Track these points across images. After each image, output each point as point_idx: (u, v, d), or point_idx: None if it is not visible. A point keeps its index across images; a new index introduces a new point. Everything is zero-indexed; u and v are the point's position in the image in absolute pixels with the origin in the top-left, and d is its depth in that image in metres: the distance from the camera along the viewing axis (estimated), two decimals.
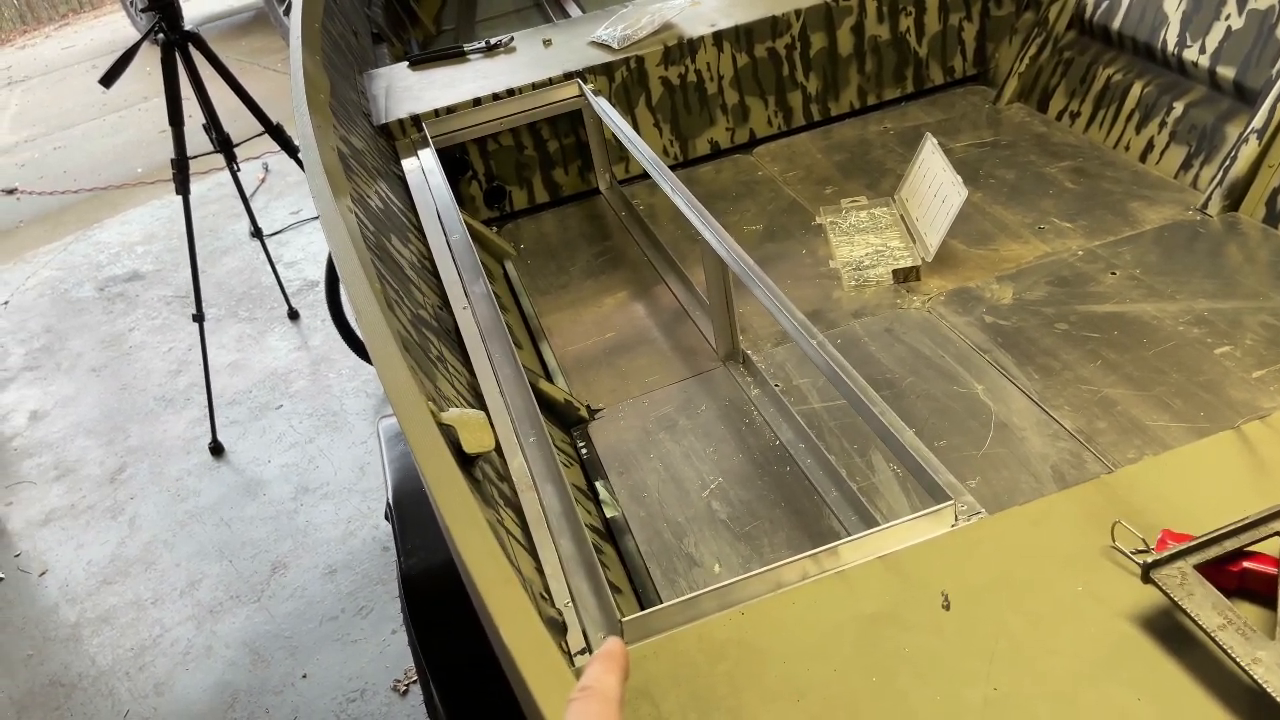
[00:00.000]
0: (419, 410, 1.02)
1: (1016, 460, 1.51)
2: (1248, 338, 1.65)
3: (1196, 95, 2.11)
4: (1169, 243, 1.92)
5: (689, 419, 1.75)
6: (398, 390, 1.04)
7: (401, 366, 1.06)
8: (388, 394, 1.04)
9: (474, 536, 0.88)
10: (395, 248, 1.69)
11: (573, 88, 2.37)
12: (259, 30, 8.71)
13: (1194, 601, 0.86)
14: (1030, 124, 2.45)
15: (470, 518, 0.90)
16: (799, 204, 2.31)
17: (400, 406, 1.03)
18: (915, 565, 1.02)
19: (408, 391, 1.04)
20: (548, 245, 2.39)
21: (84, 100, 7.84)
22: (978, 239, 2.05)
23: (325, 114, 1.88)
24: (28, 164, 6.86)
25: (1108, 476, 1.06)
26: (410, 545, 1.76)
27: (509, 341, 1.53)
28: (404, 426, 1.01)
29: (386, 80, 2.57)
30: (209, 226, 5.04)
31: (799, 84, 2.56)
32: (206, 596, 2.89)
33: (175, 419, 3.70)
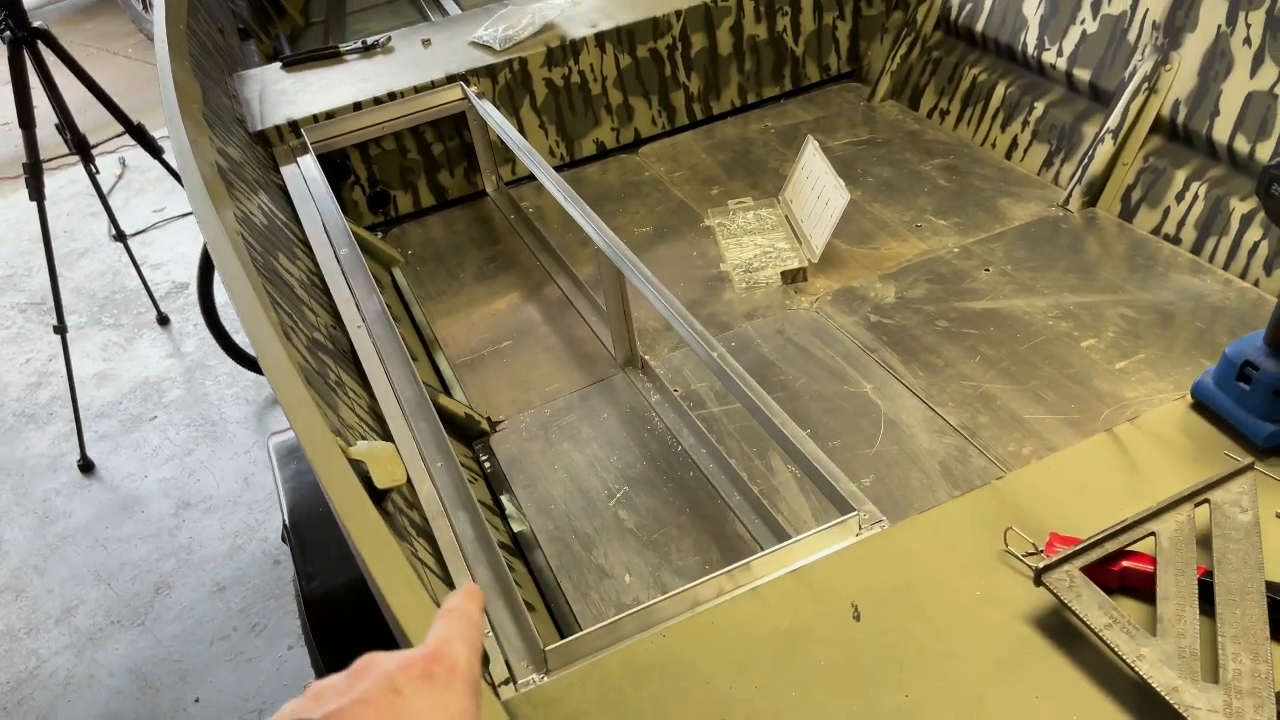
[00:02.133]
0: (330, 450, 1.01)
1: (907, 457, 1.58)
2: (1109, 330, 1.76)
3: (1056, 96, 2.23)
4: (1035, 238, 2.03)
5: (591, 427, 1.76)
6: (306, 430, 1.02)
7: (309, 404, 1.04)
8: (297, 433, 1.02)
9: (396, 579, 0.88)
10: (284, 267, 1.64)
11: (455, 90, 2.34)
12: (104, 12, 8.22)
13: (1081, 602, 0.93)
14: (903, 121, 2.54)
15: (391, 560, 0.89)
16: (686, 205, 2.34)
17: (310, 446, 1.01)
18: (825, 578, 1.06)
19: (317, 431, 1.02)
20: (436, 250, 2.36)
21: None
22: (860, 238, 2.12)
23: (200, 125, 1.81)
24: None
25: (998, 482, 1.12)
26: (310, 567, 1.73)
27: (409, 362, 1.51)
28: (315, 467, 0.99)
29: (259, 83, 2.48)
30: (63, 227, 4.76)
31: (681, 84, 2.59)
32: (85, 623, 2.76)
33: (38, 436, 3.50)
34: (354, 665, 0.50)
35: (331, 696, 0.48)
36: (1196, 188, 1.90)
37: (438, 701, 0.49)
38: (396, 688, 0.48)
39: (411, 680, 0.49)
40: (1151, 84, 1.98)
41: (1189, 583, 0.93)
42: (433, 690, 0.49)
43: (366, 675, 0.49)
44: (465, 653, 0.53)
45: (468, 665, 0.52)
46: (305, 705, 0.48)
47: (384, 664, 0.50)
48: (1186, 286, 1.83)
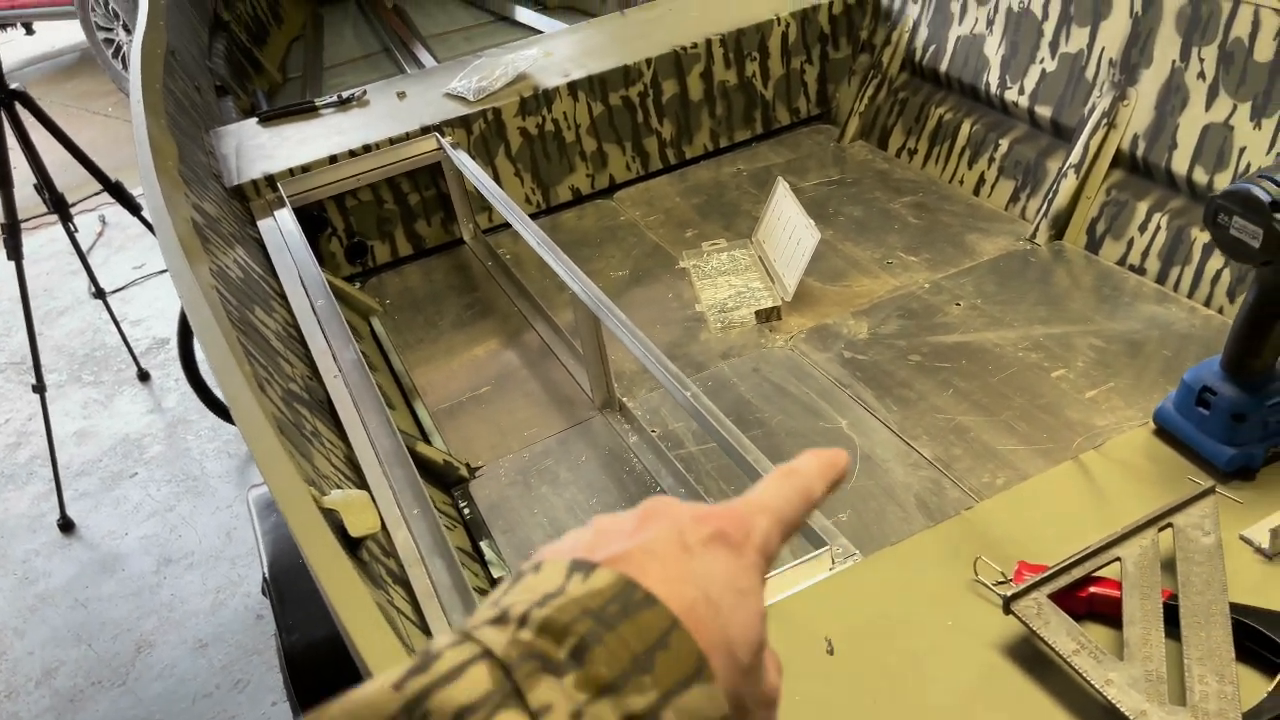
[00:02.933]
0: (301, 499, 1.01)
1: (883, 491, 1.59)
2: (1079, 360, 1.79)
3: (1019, 133, 2.28)
4: (1004, 272, 2.07)
5: (570, 471, 1.77)
6: (278, 480, 1.03)
7: (281, 455, 1.05)
8: (268, 484, 1.03)
9: (367, 627, 0.88)
10: (260, 319, 1.65)
11: (431, 141, 2.37)
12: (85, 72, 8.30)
13: (1050, 629, 0.94)
14: (873, 161, 2.59)
15: (362, 608, 0.90)
16: (661, 248, 2.37)
17: (282, 497, 1.02)
18: (798, 612, 1.07)
19: (289, 481, 1.03)
20: (414, 299, 2.38)
21: None
22: (832, 276, 2.15)
23: (175, 181, 1.83)
24: None
25: (967, 512, 1.14)
26: (291, 621, 1.72)
27: (384, 410, 1.52)
28: (287, 517, 1.00)
29: (236, 138, 2.51)
30: (43, 286, 4.76)
31: (654, 129, 2.63)
32: (65, 684, 2.73)
33: (17, 496, 3.47)
34: (642, 506, 0.45)
35: (617, 537, 0.43)
36: (1158, 219, 1.94)
37: (727, 567, 0.43)
38: (686, 544, 0.43)
39: (702, 539, 0.44)
40: (1110, 119, 2.03)
41: (1154, 607, 0.94)
42: (722, 555, 0.44)
43: (655, 521, 0.44)
44: (768, 525, 0.46)
45: (764, 539, 0.46)
46: (589, 542, 0.43)
47: (676, 513, 0.45)
48: (1153, 315, 1.86)
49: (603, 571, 0.40)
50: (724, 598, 0.42)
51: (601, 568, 0.41)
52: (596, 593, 0.39)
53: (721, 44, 2.60)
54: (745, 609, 0.43)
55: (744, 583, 0.43)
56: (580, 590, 0.40)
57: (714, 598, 0.42)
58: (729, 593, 0.42)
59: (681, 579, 0.41)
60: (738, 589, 0.43)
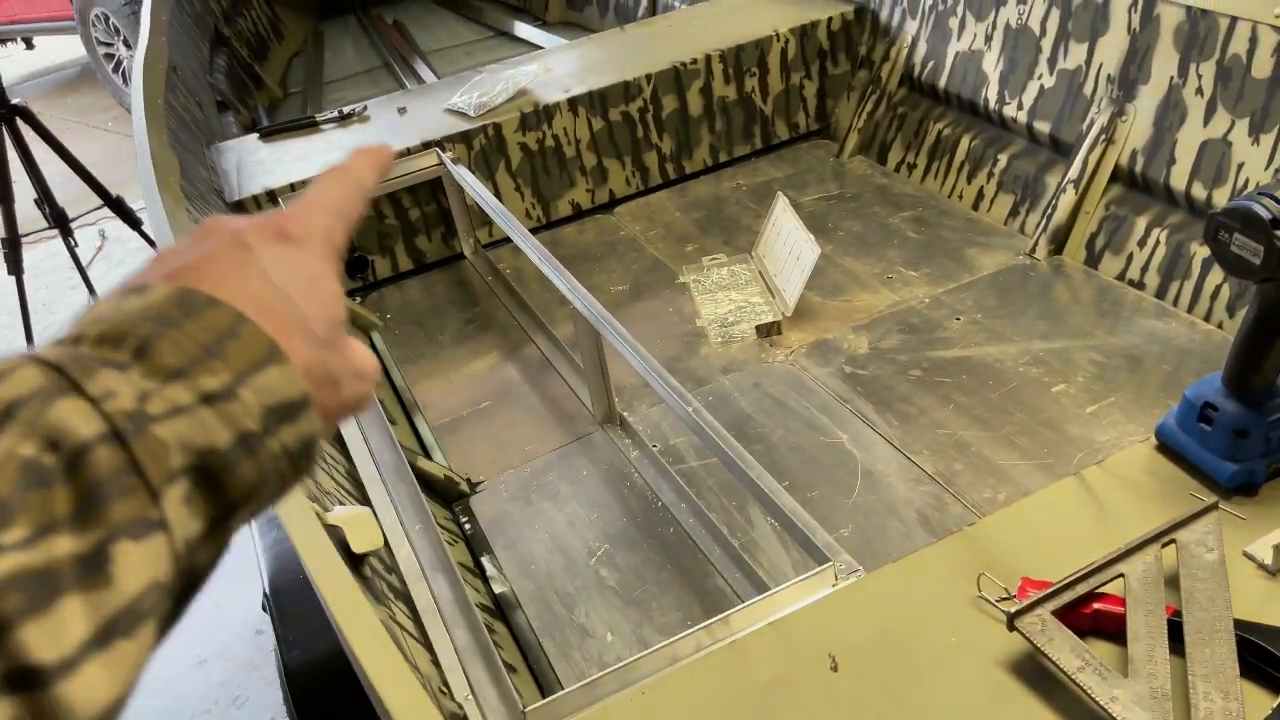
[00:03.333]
0: (305, 516, 1.02)
1: (884, 506, 1.59)
2: (1079, 375, 1.79)
3: (1018, 148, 2.29)
4: (1004, 286, 2.07)
5: (571, 485, 1.77)
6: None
7: None
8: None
9: (371, 644, 0.88)
10: None
11: (431, 157, 2.38)
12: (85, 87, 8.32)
13: (1054, 646, 0.94)
14: (872, 176, 2.60)
15: (365, 624, 0.90)
16: (662, 262, 2.38)
17: (285, 513, 1.02)
18: (803, 629, 1.07)
19: (292, 497, 1.03)
20: (415, 313, 2.38)
21: None
22: (832, 290, 2.16)
23: (178, 197, 1.84)
24: None
25: (970, 529, 1.14)
26: (292, 637, 1.72)
27: (387, 426, 1.52)
28: (291, 533, 1.00)
29: (237, 154, 2.51)
30: (42, 300, 4.76)
31: (654, 144, 2.64)
32: None
33: None
34: (197, 229, 0.47)
35: (174, 257, 0.44)
36: (1157, 234, 1.94)
37: (291, 259, 0.46)
38: (246, 243, 0.45)
39: (264, 238, 0.46)
40: (1109, 135, 2.04)
41: (1158, 623, 0.94)
42: (287, 249, 0.46)
43: (213, 234, 0.46)
44: (326, 219, 0.50)
45: (325, 230, 0.49)
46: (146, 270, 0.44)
47: (234, 223, 0.47)
48: (1153, 330, 1.87)
49: (158, 286, 0.41)
50: (292, 283, 0.45)
51: (157, 284, 0.42)
52: (153, 304, 0.40)
53: (721, 60, 2.62)
54: (317, 290, 0.46)
55: (313, 269, 0.47)
56: (136, 305, 0.40)
57: (282, 285, 0.44)
58: (297, 278, 0.45)
59: (245, 276, 0.44)
60: (307, 275, 0.46)
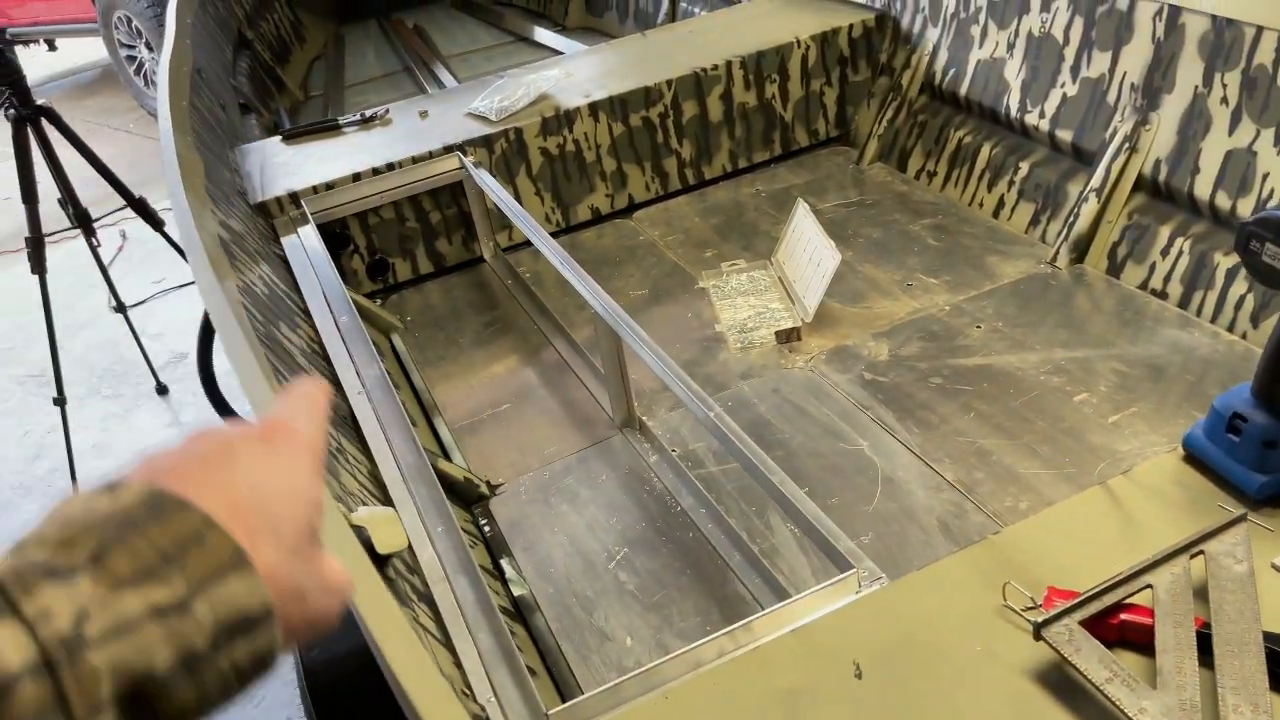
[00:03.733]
0: (332, 516, 1.02)
1: (905, 514, 1.59)
2: (1101, 384, 1.78)
3: (1039, 156, 2.28)
4: (1025, 295, 2.07)
5: (590, 489, 1.77)
6: None
7: None
8: None
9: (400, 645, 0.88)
10: (285, 336, 1.66)
11: (453, 160, 2.39)
12: (106, 89, 8.38)
13: (1082, 657, 0.93)
14: (891, 183, 2.59)
15: (394, 625, 0.90)
16: (681, 267, 2.38)
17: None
18: (826, 636, 1.06)
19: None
20: (435, 316, 2.39)
21: None
22: (852, 297, 2.15)
23: (203, 198, 1.85)
24: None
25: (994, 537, 1.13)
26: None
27: (409, 427, 1.53)
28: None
29: (260, 156, 2.53)
30: (64, 301, 4.77)
31: (673, 150, 2.64)
32: None
33: (36, 508, 3.49)
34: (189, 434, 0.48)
35: (159, 458, 0.46)
36: (1181, 243, 1.93)
37: (274, 464, 0.47)
38: (231, 448, 0.46)
39: (249, 443, 0.47)
40: (1132, 144, 2.03)
41: (1187, 634, 0.94)
42: (270, 453, 0.47)
43: (200, 439, 0.47)
44: (308, 427, 0.51)
45: (310, 437, 0.50)
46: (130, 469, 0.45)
47: (219, 431, 0.48)
48: (1176, 340, 1.86)
49: (132, 486, 0.42)
50: (270, 488, 0.46)
51: (132, 483, 0.42)
52: (122, 506, 0.41)
53: (742, 66, 2.62)
54: (295, 497, 0.46)
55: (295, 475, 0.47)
56: (105, 505, 0.41)
57: (260, 489, 0.45)
58: (277, 483, 0.46)
59: (222, 479, 0.44)
60: (288, 480, 0.46)
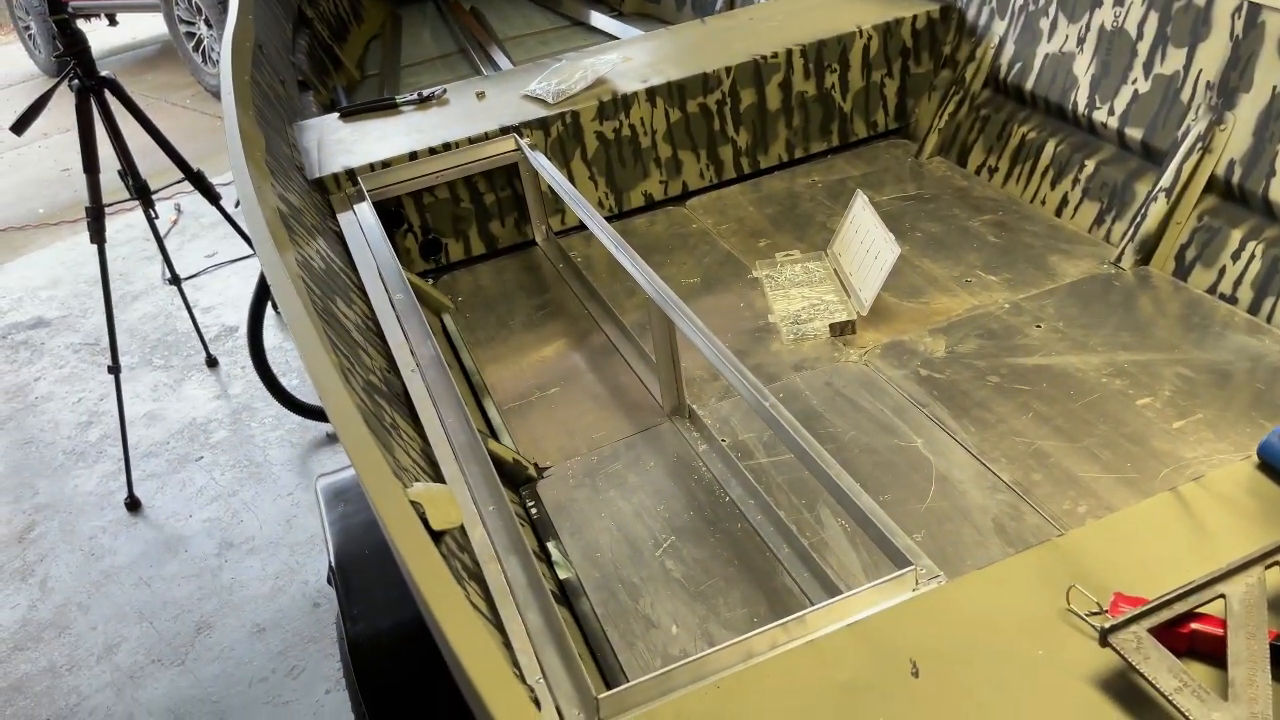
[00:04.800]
0: (392, 490, 1.02)
1: (959, 513, 1.56)
2: (1165, 389, 1.74)
3: (1107, 154, 2.23)
4: (1087, 295, 2.02)
5: (638, 476, 1.76)
6: (368, 469, 1.03)
7: (370, 445, 1.05)
8: (359, 473, 1.03)
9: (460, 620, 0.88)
10: (341, 310, 1.67)
11: (509, 142, 2.39)
12: (165, 64, 8.51)
13: (1150, 665, 0.91)
14: (951, 178, 2.55)
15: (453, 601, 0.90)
16: (734, 256, 2.36)
17: (373, 486, 1.02)
18: (882, 632, 1.05)
19: (378, 470, 1.03)
20: (486, 298, 2.39)
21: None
22: (908, 292, 2.12)
23: (263, 172, 1.86)
24: None
25: (1059, 540, 1.11)
26: (356, 610, 1.74)
27: (462, 406, 1.53)
28: (378, 507, 1.00)
29: (318, 132, 2.54)
30: (119, 270, 4.88)
31: (729, 138, 2.62)
32: (126, 661, 2.78)
33: (87, 474, 3.56)
34: None
35: None
36: (1253, 247, 1.88)
37: None
38: None
39: None
40: (1205, 144, 1.98)
41: (1261, 647, 0.91)
42: None
43: None
44: None
45: None
46: None
47: None
48: (1244, 346, 1.81)
49: None
50: None
51: None
52: None
53: (802, 55, 2.59)
54: None
55: None
56: None
57: None
58: None
59: None
60: None
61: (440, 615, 0.84)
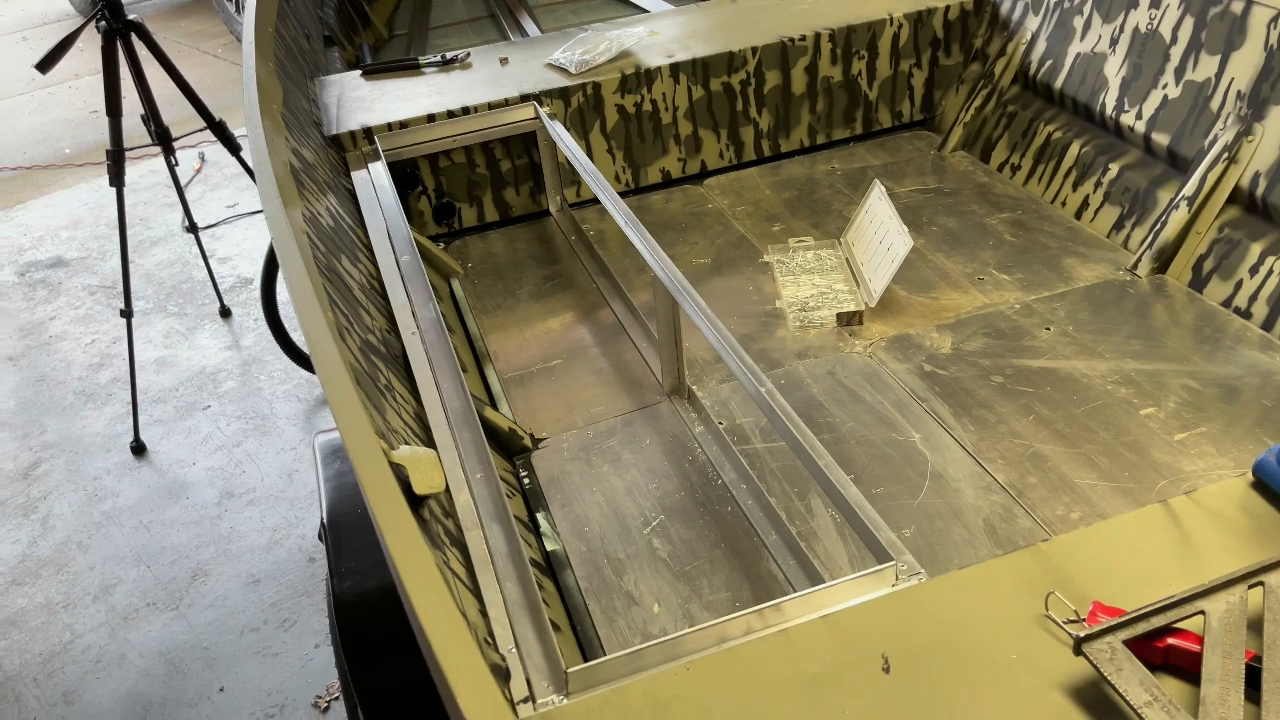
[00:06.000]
0: (372, 451, 1.02)
1: (950, 511, 1.55)
2: (1171, 400, 1.72)
3: (1131, 158, 2.19)
4: (1100, 300, 1.99)
5: (633, 453, 1.76)
6: (351, 429, 1.03)
7: (356, 404, 1.05)
8: (341, 432, 1.03)
9: (426, 587, 0.88)
10: (345, 268, 1.67)
11: (528, 110, 2.37)
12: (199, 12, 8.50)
13: (1122, 677, 0.90)
14: (973, 173, 2.52)
15: (422, 567, 0.90)
16: (747, 239, 2.34)
17: (353, 446, 1.02)
18: (856, 625, 1.04)
19: (361, 431, 1.03)
20: (496, 265, 2.39)
21: (11, 74, 7.56)
22: (919, 286, 2.10)
23: (278, 124, 1.85)
24: None
25: (1043, 545, 1.09)
26: (344, 568, 1.74)
27: (458, 372, 1.52)
28: (356, 467, 1.00)
29: (339, 89, 2.53)
30: (140, 215, 4.90)
31: (752, 119, 2.59)
32: (122, 602, 2.81)
33: (96, 415, 3.58)
34: None
35: None
36: (1272, 262, 1.85)
37: None
38: None
39: None
40: (1232, 154, 1.94)
41: (1236, 666, 0.90)
42: None
43: None
44: None
45: None
46: None
47: None
48: (1255, 363, 1.78)
49: None
50: None
51: None
52: None
53: (830, 39, 2.55)
54: None
55: None
56: None
57: None
58: None
59: None
60: None
61: (408, 581, 0.84)
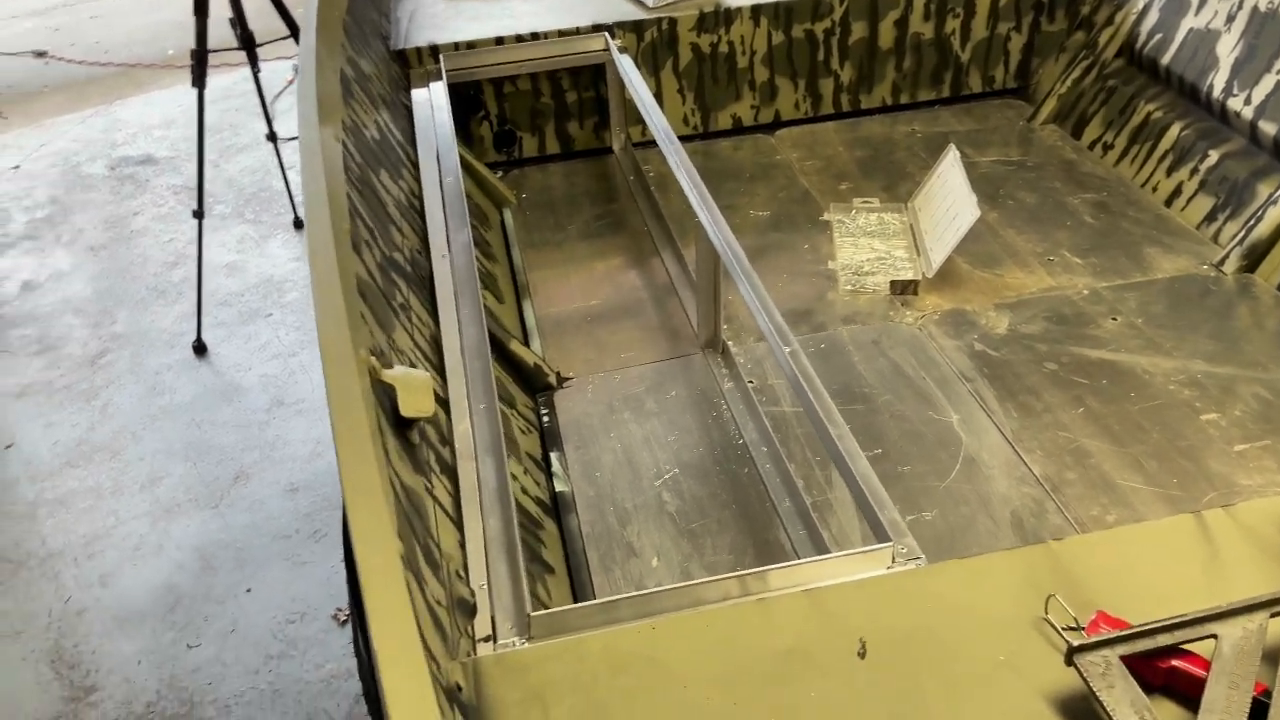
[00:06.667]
0: (347, 366, 0.98)
1: (978, 498, 1.47)
2: (1237, 408, 1.59)
3: (1234, 146, 2.03)
4: (1178, 295, 1.86)
5: (657, 402, 1.71)
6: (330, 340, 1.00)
7: (341, 317, 1.01)
8: (319, 341, 1.00)
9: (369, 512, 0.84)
10: (382, 183, 1.63)
11: (599, 41, 2.30)
12: None
13: (1113, 694, 0.82)
14: (1061, 149, 2.37)
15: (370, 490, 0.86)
16: (811, 195, 2.25)
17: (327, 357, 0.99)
18: (840, 604, 0.98)
19: (341, 345, 1.00)
20: (550, 199, 2.34)
21: None
22: (984, 260, 1.99)
23: (335, 31, 1.82)
24: (62, 28, 6.76)
25: (1055, 543, 1.01)
26: None
27: (480, 300, 1.49)
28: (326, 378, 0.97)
29: (414, 4, 2.49)
30: (230, 121, 4.97)
31: (832, 71, 2.48)
32: (165, 495, 2.88)
33: (165, 311, 3.66)
34: None
35: None
36: None
37: None
38: None
39: None
40: None
41: (1242, 699, 0.81)
42: None
43: None
44: None
45: None
46: None
47: None
48: None
49: None
50: None
51: None
52: None
53: None
54: None
55: None
56: None
57: None
58: None
59: None
60: None
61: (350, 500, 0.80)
